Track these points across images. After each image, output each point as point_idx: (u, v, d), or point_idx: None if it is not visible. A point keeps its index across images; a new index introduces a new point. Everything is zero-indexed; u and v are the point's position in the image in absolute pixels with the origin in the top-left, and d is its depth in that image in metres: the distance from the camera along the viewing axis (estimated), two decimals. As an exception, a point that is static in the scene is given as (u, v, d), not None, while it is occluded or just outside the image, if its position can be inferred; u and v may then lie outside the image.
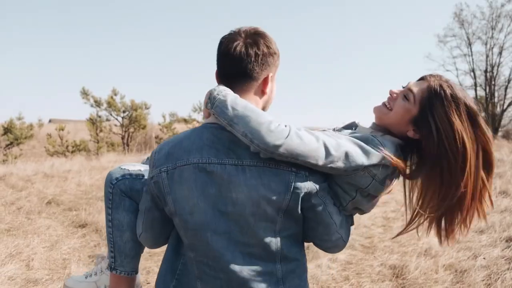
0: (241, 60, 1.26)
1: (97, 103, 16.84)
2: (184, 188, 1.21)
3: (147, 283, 4.05)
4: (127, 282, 1.61)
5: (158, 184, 1.24)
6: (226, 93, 1.22)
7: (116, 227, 1.53)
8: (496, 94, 29.35)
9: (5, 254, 3.89)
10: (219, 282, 1.25)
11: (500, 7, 27.92)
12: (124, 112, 17.29)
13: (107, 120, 17.22)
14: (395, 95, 1.40)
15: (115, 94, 17.12)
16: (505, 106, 28.92)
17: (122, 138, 17.82)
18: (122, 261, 1.56)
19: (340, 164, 1.21)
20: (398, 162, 1.27)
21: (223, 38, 1.30)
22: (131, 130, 17.92)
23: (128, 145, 17.57)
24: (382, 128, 1.42)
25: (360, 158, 1.23)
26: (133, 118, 17.40)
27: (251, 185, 1.20)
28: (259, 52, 1.27)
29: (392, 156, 1.26)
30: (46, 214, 5.76)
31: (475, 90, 29.53)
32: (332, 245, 1.37)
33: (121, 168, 1.55)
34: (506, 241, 4.82)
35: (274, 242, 1.25)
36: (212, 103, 1.20)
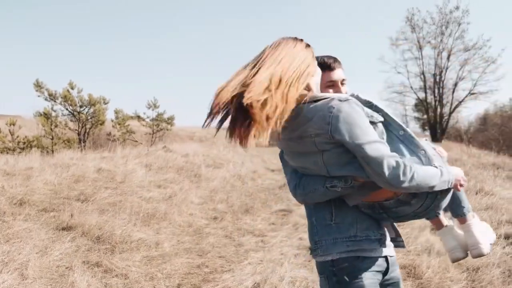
0: None
1: (52, 97, 15.82)
2: None
3: (156, 291, 3.74)
4: None
5: None
6: None
7: None
8: (444, 97, 30.81)
9: (-4, 263, 3.42)
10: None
11: (449, 13, 29.37)
12: (81, 107, 16.37)
13: (63, 115, 16.20)
14: None
15: (72, 88, 16.16)
16: (451, 109, 30.41)
17: (78, 134, 16.89)
18: None
19: None
20: None
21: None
22: (88, 126, 17.03)
23: (84, 142, 16.68)
24: None
25: None
26: (91, 114, 16.55)
27: None
28: None
29: None
30: (23, 216, 5.21)
31: (425, 92, 30.88)
32: None
33: None
34: (505, 238, 4.92)
35: None
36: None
